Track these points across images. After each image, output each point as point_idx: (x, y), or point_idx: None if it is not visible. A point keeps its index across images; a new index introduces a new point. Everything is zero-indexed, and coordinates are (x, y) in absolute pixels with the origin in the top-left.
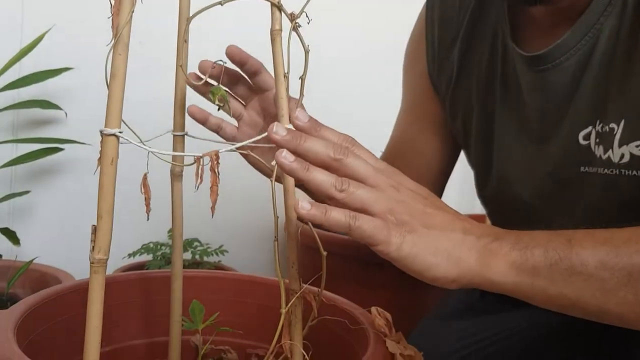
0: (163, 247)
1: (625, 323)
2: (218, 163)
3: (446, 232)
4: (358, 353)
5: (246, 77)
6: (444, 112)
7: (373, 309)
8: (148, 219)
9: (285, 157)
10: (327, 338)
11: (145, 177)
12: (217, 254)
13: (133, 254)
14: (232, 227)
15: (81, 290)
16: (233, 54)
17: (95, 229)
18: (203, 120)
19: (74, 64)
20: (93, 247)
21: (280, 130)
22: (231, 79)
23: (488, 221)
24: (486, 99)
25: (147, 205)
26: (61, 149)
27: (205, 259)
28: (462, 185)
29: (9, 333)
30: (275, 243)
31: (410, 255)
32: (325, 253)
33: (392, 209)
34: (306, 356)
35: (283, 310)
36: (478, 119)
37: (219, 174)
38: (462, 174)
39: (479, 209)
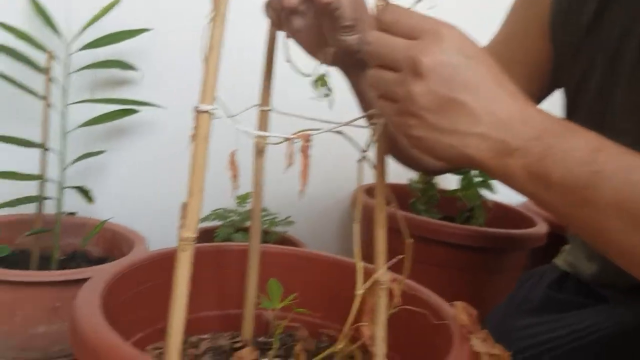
0: (232, 214)
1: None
2: (309, 145)
3: (464, 126)
4: (440, 349)
5: None
6: (548, 64)
7: (458, 303)
8: (232, 196)
9: None
10: (405, 329)
11: (232, 155)
12: (284, 224)
13: (203, 219)
14: (300, 198)
15: (163, 260)
16: None
17: (184, 207)
18: None
19: (152, 25)
20: (182, 224)
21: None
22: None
23: None
24: (613, 65)
25: (235, 182)
26: (137, 111)
27: (272, 229)
28: None
29: (96, 304)
30: (356, 226)
31: (421, 148)
32: (411, 240)
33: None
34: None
35: (358, 292)
36: (599, 84)
37: (310, 155)
38: None
39: None
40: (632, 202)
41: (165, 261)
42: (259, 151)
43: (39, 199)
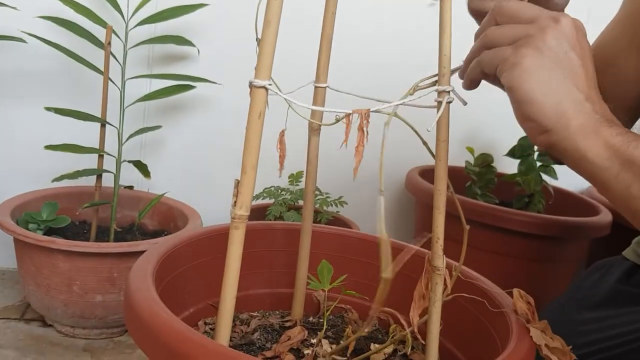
0: (284, 193)
1: None
2: (368, 122)
3: (571, 83)
4: (496, 339)
5: None
6: None
7: (515, 291)
8: (280, 175)
9: None
10: (461, 317)
11: (282, 134)
12: (336, 204)
13: (256, 197)
14: (352, 179)
15: (216, 236)
16: None
17: (238, 184)
18: None
19: (210, 0)
20: (235, 202)
21: None
22: None
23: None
24: None
25: (281, 163)
26: (193, 87)
27: (324, 208)
28: None
29: (149, 278)
30: (380, 199)
31: (520, 81)
32: (468, 227)
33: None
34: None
35: (384, 276)
36: None
37: (367, 133)
38: None
39: None
40: None
41: (218, 237)
42: (314, 130)
43: (98, 171)
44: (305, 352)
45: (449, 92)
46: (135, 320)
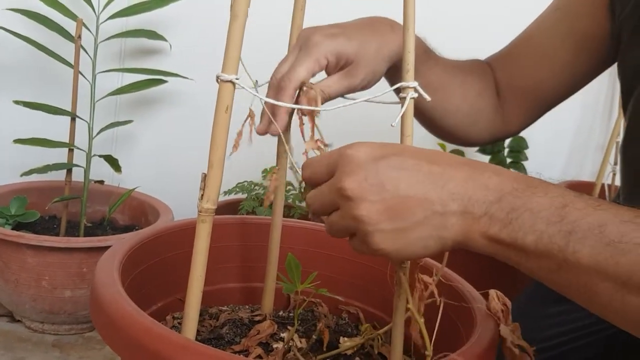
0: (257, 187)
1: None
2: (313, 118)
3: (424, 220)
4: (461, 333)
5: None
6: (606, 40)
7: (492, 291)
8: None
9: None
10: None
11: (243, 126)
12: None
13: (228, 192)
14: None
15: (184, 230)
16: None
17: (205, 177)
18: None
19: None
20: (202, 195)
21: None
22: None
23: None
24: None
25: (236, 147)
26: (165, 81)
27: (297, 203)
28: None
29: (115, 273)
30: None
31: (396, 253)
32: None
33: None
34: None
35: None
36: None
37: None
38: None
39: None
40: (613, 262)
41: (186, 232)
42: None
43: (68, 166)
44: (275, 346)
45: (412, 87)
46: (101, 315)
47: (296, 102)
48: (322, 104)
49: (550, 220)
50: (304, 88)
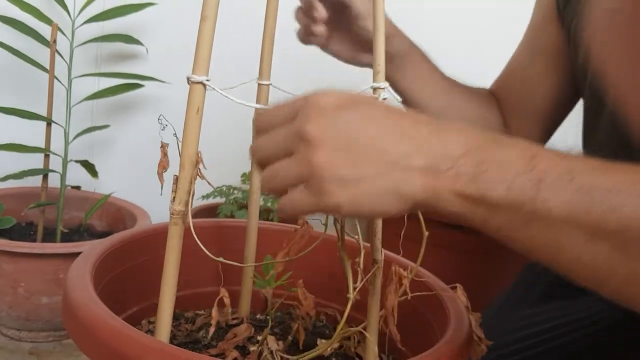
0: (236, 191)
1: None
2: None
3: (384, 172)
4: (436, 331)
5: None
6: (569, 47)
7: (458, 285)
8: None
9: None
10: (402, 309)
11: (164, 145)
12: None
13: (206, 196)
14: None
15: (158, 234)
16: None
17: (176, 180)
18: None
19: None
20: (174, 197)
21: None
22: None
23: None
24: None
25: (160, 178)
26: (141, 86)
27: (276, 206)
28: None
29: (87, 277)
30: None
31: (349, 206)
32: (427, 233)
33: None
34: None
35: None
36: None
37: None
38: None
39: None
40: (584, 209)
41: (159, 235)
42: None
43: (44, 171)
44: (251, 349)
45: (383, 88)
46: (73, 320)
47: None
48: None
49: (520, 171)
50: None
